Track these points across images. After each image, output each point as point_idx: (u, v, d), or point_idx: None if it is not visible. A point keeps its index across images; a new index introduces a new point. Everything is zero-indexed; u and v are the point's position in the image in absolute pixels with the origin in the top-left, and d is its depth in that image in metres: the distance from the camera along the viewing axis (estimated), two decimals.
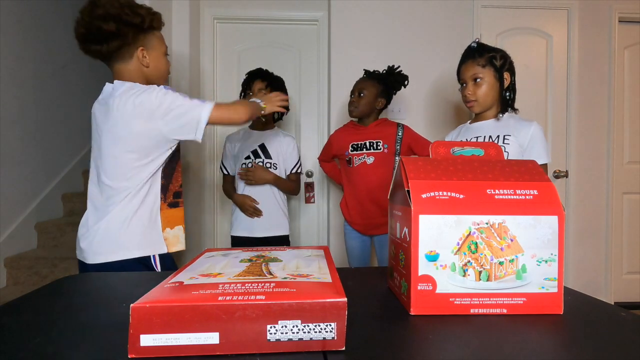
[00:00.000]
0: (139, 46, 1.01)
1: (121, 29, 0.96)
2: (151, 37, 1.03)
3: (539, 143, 1.20)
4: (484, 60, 1.24)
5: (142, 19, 0.98)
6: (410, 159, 0.59)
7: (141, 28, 0.99)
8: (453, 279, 0.52)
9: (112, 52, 1.01)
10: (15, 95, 2.32)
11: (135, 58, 1.02)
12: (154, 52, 1.04)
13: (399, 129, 1.71)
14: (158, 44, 1.05)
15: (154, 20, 1.02)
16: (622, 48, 2.37)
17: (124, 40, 0.98)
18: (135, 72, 1.03)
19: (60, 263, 2.23)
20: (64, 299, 0.60)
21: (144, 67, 1.03)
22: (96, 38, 0.98)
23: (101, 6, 0.96)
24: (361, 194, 1.68)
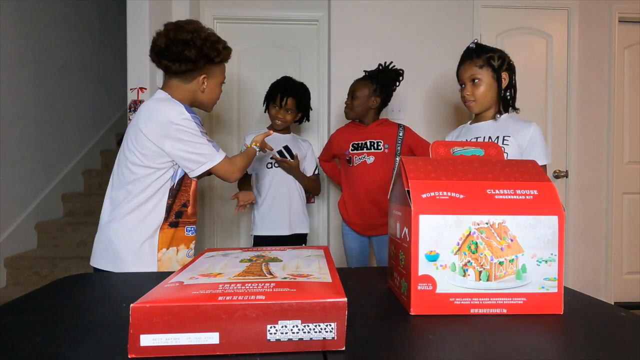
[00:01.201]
0: (203, 74, 1.10)
1: (197, 57, 1.05)
2: (216, 69, 1.12)
3: (538, 144, 1.20)
4: (481, 61, 1.24)
5: (218, 53, 1.08)
6: (410, 159, 0.59)
7: (213, 61, 1.09)
8: (453, 279, 0.52)
9: (180, 72, 1.08)
10: (16, 95, 2.32)
11: (195, 82, 1.10)
12: (213, 81, 1.12)
13: (400, 130, 1.70)
14: (219, 74, 1.14)
15: (227, 56, 1.12)
16: (622, 48, 2.37)
17: (194, 67, 1.06)
18: (189, 93, 1.10)
19: (60, 263, 2.23)
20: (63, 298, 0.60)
21: (199, 92, 1.11)
22: (172, 57, 1.05)
23: (187, 32, 1.04)
24: (360, 194, 1.68)
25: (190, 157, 1.02)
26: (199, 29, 1.06)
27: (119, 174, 1.04)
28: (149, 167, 1.01)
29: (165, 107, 1.00)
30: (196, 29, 1.05)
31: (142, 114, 1.01)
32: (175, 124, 0.99)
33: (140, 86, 1.78)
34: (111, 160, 3.19)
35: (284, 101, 1.69)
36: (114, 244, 1.01)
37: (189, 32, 1.04)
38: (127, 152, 1.02)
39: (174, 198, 1.05)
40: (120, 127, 3.43)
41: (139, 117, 1.01)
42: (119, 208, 1.02)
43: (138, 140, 1.00)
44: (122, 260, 1.00)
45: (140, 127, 0.99)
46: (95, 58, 3.16)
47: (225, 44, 1.12)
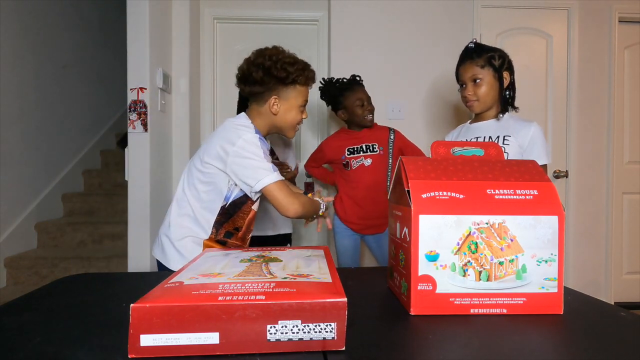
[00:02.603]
0: (274, 95, 1.08)
1: (265, 79, 1.06)
2: (290, 90, 1.09)
3: (538, 144, 1.20)
4: (482, 61, 1.23)
5: (287, 74, 1.07)
6: (411, 159, 0.59)
7: (283, 81, 1.08)
8: (453, 279, 0.52)
9: (249, 93, 1.11)
10: (16, 96, 2.32)
11: (267, 104, 1.09)
12: (287, 103, 1.10)
13: (391, 133, 1.75)
14: (295, 97, 1.10)
15: (300, 77, 1.09)
16: (622, 48, 2.36)
17: (264, 88, 1.07)
18: (263, 116, 1.11)
19: (60, 263, 2.23)
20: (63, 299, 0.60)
21: (272, 114, 1.10)
22: (245, 79, 1.10)
23: (262, 56, 1.08)
24: (360, 195, 1.70)
25: (247, 174, 1.02)
26: (276, 53, 1.09)
27: (187, 178, 1.10)
28: (208, 183, 1.06)
29: (235, 128, 1.04)
30: (273, 53, 1.08)
31: (217, 132, 1.06)
32: (239, 145, 1.02)
33: (140, 86, 1.78)
34: (111, 160, 3.20)
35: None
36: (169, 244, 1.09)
37: (261, 57, 1.08)
38: (197, 161, 1.08)
39: (227, 218, 1.08)
40: (120, 127, 3.42)
41: (215, 133, 1.07)
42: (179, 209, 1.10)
43: (205, 155, 1.05)
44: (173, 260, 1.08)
45: (211, 143, 1.05)
46: (95, 58, 3.16)
47: (302, 66, 1.10)
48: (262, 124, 1.11)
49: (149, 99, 1.79)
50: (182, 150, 2.08)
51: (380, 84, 2.20)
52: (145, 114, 1.78)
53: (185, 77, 2.09)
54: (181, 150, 2.08)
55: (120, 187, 2.94)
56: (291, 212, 1.03)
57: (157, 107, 1.87)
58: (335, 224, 1.80)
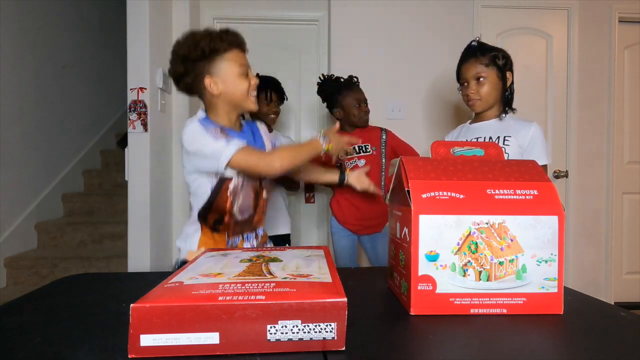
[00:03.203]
0: (206, 76, 1.00)
1: (187, 66, 1.00)
2: (218, 63, 1.00)
3: (539, 144, 1.20)
4: (487, 59, 1.22)
5: (202, 50, 0.98)
6: (410, 159, 0.59)
7: (205, 58, 0.99)
8: (453, 279, 0.52)
9: (189, 89, 1.05)
10: (16, 96, 2.32)
11: (207, 90, 1.01)
12: (223, 77, 1.01)
13: (383, 133, 1.75)
14: (227, 67, 1.00)
15: (218, 45, 0.99)
16: (622, 48, 2.36)
17: (193, 75, 1.00)
18: (213, 104, 1.04)
19: (60, 263, 2.23)
20: (63, 299, 0.60)
21: (218, 97, 1.02)
22: (176, 80, 1.04)
23: (174, 49, 1.02)
24: (356, 195, 1.71)
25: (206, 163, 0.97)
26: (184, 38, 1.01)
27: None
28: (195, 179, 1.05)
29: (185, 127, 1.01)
30: (181, 40, 1.01)
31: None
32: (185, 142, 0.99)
33: (140, 86, 1.78)
34: (111, 160, 3.20)
35: (270, 95, 1.71)
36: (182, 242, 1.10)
37: (175, 47, 1.01)
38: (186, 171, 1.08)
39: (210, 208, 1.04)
40: (120, 127, 3.42)
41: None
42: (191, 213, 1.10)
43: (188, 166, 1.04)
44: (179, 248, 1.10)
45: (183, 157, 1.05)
46: (96, 58, 3.16)
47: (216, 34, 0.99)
48: (219, 112, 1.04)
49: (149, 99, 1.79)
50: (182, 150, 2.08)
51: (380, 84, 2.20)
52: (145, 114, 1.78)
53: None
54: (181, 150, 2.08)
55: (120, 187, 2.93)
56: (276, 166, 0.93)
57: (157, 107, 1.87)
58: (333, 225, 1.80)
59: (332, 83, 1.72)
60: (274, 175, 0.97)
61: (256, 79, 1.06)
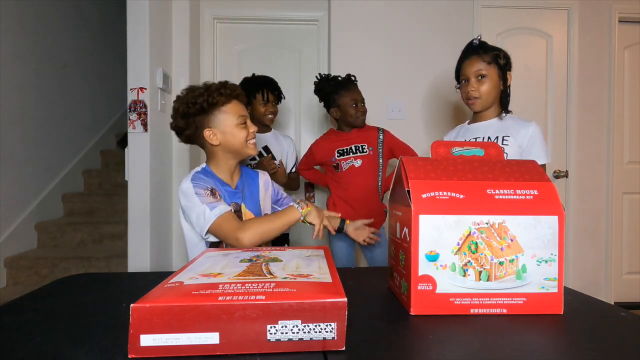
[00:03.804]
0: (205, 129, 1.04)
1: (188, 121, 1.04)
2: (216, 116, 1.04)
3: (538, 143, 1.20)
4: (489, 57, 1.21)
5: (200, 105, 1.02)
6: (410, 159, 0.59)
7: (203, 112, 1.04)
8: (453, 279, 0.51)
9: (191, 141, 1.09)
10: (16, 96, 2.32)
11: (207, 141, 1.05)
12: (222, 128, 1.04)
13: (380, 133, 1.74)
14: (225, 118, 1.04)
15: (216, 99, 1.03)
16: (622, 48, 2.36)
17: (193, 128, 1.05)
18: (213, 154, 1.08)
19: (60, 263, 2.23)
20: (63, 299, 0.60)
21: (217, 147, 1.05)
22: (177, 133, 1.10)
23: (175, 107, 1.07)
24: (351, 196, 1.71)
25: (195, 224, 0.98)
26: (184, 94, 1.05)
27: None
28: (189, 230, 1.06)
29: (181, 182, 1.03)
30: (180, 96, 1.05)
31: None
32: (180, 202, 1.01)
33: (140, 86, 1.78)
34: (111, 160, 3.19)
35: (267, 95, 1.71)
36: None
37: (175, 103, 1.06)
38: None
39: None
40: (120, 127, 3.42)
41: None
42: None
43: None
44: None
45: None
46: (96, 58, 3.16)
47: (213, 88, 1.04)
48: (219, 161, 1.07)
49: (149, 99, 1.79)
50: (182, 150, 2.08)
51: (380, 84, 2.20)
52: (145, 114, 1.78)
53: (185, 77, 2.09)
54: (181, 150, 2.08)
55: (120, 187, 2.94)
56: (245, 244, 0.91)
57: (157, 107, 1.87)
58: None
59: (329, 82, 1.72)
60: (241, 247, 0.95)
61: (255, 127, 1.09)
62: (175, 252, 2.07)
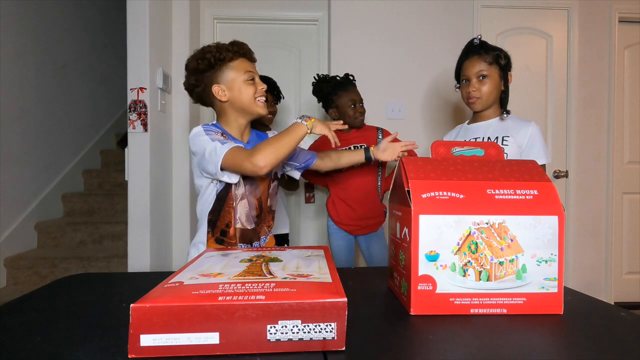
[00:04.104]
0: (214, 85, 1.05)
1: (197, 78, 1.05)
2: (225, 72, 1.05)
3: (537, 143, 1.20)
4: (490, 58, 1.21)
5: (208, 61, 1.04)
6: (410, 159, 0.59)
7: (211, 69, 1.05)
8: (453, 279, 0.52)
9: (202, 100, 1.09)
10: (16, 95, 2.32)
11: (216, 98, 1.06)
12: (230, 85, 1.05)
13: (379, 133, 1.73)
14: (233, 75, 1.06)
15: (223, 55, 1.04)
16: (622, 48, 2.36)
17: (202, 85, 1.06)
18: (223, 112, 1.09)
19: (60, 263, 2.23)
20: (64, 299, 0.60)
21: (226, 104, 1.06)
22: (189, 92, 1.10)
23: (186, 64, 1.08)
24: (350, 196, 1.70)
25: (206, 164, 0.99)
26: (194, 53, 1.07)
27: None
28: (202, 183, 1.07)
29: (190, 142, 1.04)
30: (191, 55, 1.07)
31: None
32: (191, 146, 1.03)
33: (140, 86, 1.78)
34: (111, 160, 3.20)
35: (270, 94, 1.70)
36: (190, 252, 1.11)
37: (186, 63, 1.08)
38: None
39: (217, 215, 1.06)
40: (120, 127, 3.42)
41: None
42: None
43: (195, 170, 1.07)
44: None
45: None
46: (96, 58, 3.16)
47: (221, 45, 1.06)
48: (229, 119, 1.08)
49: (149, 99, 1.79)
50: (182, 150, 2.08)
51: (380, 84, 2.20)
52: (145, 114, 1.78)
53: None
54: (181, 150, 2.08)
55: (120, 187, 2.94)
56: (261, 164, 0.92)
57: (157, 107, 1.87)
58: (329, 225, 1.80)
59: (327, 83, 1.71)
60: (261, 174, 0.96)
61: (264, 84, 1.09)
62: (175, 252, 2.07)
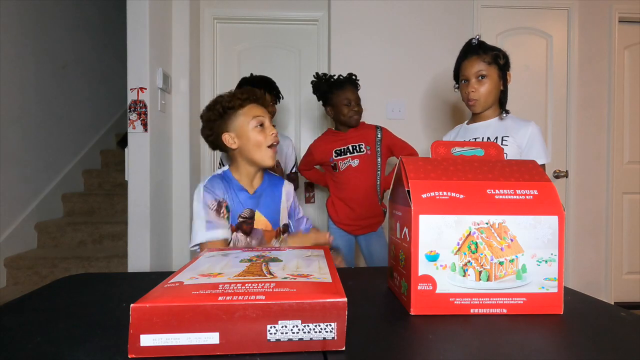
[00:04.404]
0: (224, 133, 1.05)
1: (212, 127, 1.06)
2: (233, 120, 1.04)
3: (537, 143, 1.20)
4: (489, 58, 1.20)
5: (218, 111, 1.04)
6: (410, 159, 0.59)
7: (221, 118, 1.05)
8: (453, 279, 0.52)
9: (217, 147, 1.09)
10: (16, 95, 2.32)
11: (228, 146, 1.05)
12: (238, 132, 1.04)
13: (378, 132, 1.73)
14: (241, 121, 1.04)
15: (231, 103, 1.04)
16: (622, 48, 2.36)
17: (215, 134, 1.06)
18: (233, 157, 1.08)
19: (60, 263, 2.23)
20: (63, 299, 0.60)
21: (236, 152, 1.05)
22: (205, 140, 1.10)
23: (201, 116, 1.08)
24: (349, 196, 1.71)
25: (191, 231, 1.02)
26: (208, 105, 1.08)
27: None
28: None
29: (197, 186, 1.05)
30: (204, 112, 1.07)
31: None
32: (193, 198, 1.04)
33: (140, 86, 1.78)
34: (111, 160, 3.20)
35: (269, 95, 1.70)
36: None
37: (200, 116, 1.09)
38: None
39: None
40: (120, 127, 3.42)
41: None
42: None
43: None
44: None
45: None
46: (96, 58, 3.16)
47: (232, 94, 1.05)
48: (239, 167, 1.07)
49: (149, 99, 1.79)
50: (182, 150, 2.08)
51: (380, 84, 2.20)
52: (145, 114, 1.78)
53: (185, 77, 2.09)
54: (181, 150, 2.08)
55: (120, 187, 2.93)
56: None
57: (157, 107, 1.87)
58: (330, 225, 1.80)
59: (324, 82, 1.72)
60: None
61: (274, 130, 1.05)
62: (175, 252, 2.07)
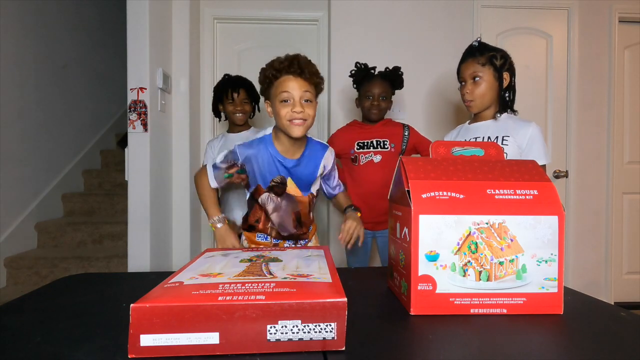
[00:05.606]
0: (266, 100, 1.10)
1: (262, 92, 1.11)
2: (270, 88, 1.07)
3: (537, 144, 1.20)
4: (484, 59, 1.23)
5: (262, 79, 1.08)
6: (411, 159, 0.59)
7: (263, 85, 1.09)
8: (453, 279, 0.51)
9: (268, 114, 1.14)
10: (16, 95, 2.32)
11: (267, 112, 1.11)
12: (272, 100, 1.07)
13: (406, 129, 1.71)
14: (273, 93, 1.06)
15: (268, 72, 1.06)
16: (622, 48, 2.36)
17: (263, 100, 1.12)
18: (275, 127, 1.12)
19: (60, 263, 2.23)
20: (64, 299, 0.60)
21: (274, 120, 1.09)
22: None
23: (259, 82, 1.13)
24: (368, 192, 1.66)
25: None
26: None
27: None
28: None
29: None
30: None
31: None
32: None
33: (140, 86, 1.78)
34: (111, 160, 3.20)
35: (237, 93, 1.70)
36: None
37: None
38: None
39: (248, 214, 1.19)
40: (120, 127, 3.42)
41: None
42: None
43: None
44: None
45: None
46: (96, 58, 3.16)
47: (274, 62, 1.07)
48: (278, 134, 1.11)
49: (149, 99, 1.79)
50: (182, 150, 2.08)
51: None
52: (145, 114, 1.78)
53: (185, 77, 2.09)
54: (181, 150, 2.08)
55: (120, 187, 2.93)
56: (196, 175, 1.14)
57: (157, 107, 1.87)
58: None
59: (359, 72, 1.71)
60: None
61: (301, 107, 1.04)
62: (175, 252, 2.07)
